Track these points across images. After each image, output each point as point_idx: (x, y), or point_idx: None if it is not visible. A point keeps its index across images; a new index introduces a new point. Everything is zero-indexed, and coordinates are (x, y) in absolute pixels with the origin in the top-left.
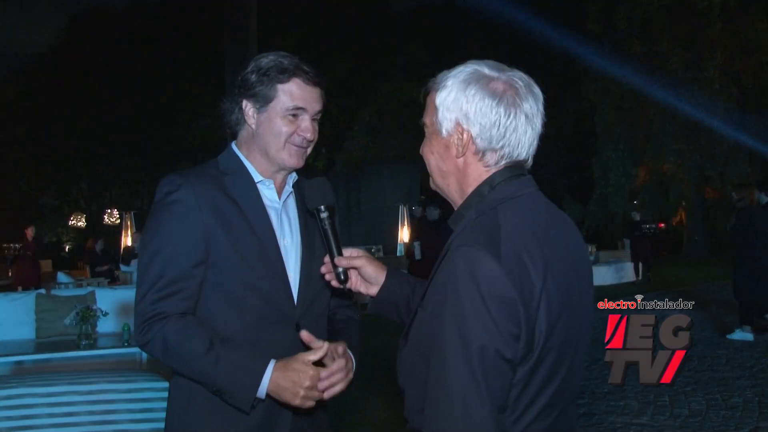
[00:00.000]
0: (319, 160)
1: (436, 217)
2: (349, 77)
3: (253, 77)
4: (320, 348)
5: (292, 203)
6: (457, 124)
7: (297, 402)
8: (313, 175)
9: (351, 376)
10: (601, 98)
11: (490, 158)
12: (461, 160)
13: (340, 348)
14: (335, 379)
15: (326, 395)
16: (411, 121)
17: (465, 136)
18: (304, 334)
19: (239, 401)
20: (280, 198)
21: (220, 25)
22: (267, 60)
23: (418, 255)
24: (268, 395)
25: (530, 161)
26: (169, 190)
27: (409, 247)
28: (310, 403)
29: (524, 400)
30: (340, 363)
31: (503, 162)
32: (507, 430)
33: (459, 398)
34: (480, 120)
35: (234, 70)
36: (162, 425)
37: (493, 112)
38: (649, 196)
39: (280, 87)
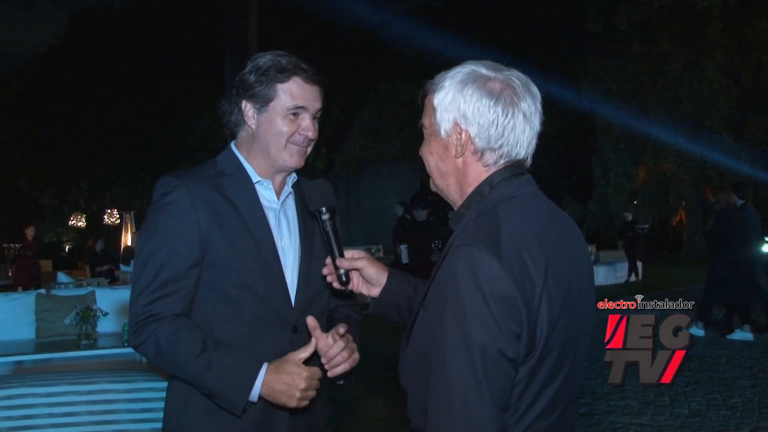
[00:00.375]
0: (319, 160)
1: (424, 219)
2: (349, 77)
3: (252, 77)
4: (311, 345)
5: (291, 204)
6: (456, 124)
7: (293, 404)
8: (313, 175)
9: (357, 356)
10: (601, 98)
11: (489, 158)
12: (460, 160)
13: (341, 329)
14: (338, 360)
15: (330, 374)
16: (411, 121)
17: (463, 136)
18: (310, 320)
19: (231, 405)
20: (279, 198)
21: (220, 25)
22: (265, 59)
23: (405, 259)
24: (262, 397)
25: (529, 160)
26: (165, 192)
27: (396, 250)
28: (306, 403)
29: (526, 399)
30: (339, 345)
31: (502, 161)
32: (509, 429)
33: (460, 398)
34: (478, 120)
35: (234, 70)
36: (161, 425)
37: (490, 112)
38: (649, 196)
39: (280, 86)
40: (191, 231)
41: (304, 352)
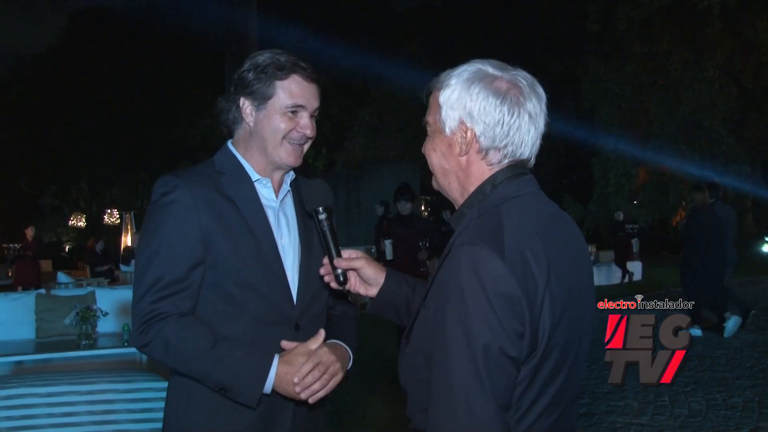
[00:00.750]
0: (319, 160)
1: (408, 213)
2: (349, 77)
3: (251, 75)
4: (319, 336)
5: (289, 202)
6: (461, 122)
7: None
8: (313, 175)
9: (339, 377)
10: (601, 98)
11: (493, 157)
12: (464, 158)
13: (324, 356)
14: (316, 387)
15: (311, 399)
16: (411, 121)
17: (469, 134)
18: (285, 344)
19: (245, 398)
20: (277, 197)
21: (220, 25)
22: (264, 57)
23: (389, 254)
24: (273, 390)
25: (533, 161)
26: (165, 191)
27: (380, 246)
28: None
29: (527, 398)
30: (315, 374)
31: (506, 161)
32: (510, 428)
33: (463, 397)
34: (484, 118)
35: (234, 69)
36: (161, 425)
37: (496, 111)
38: (649, 196)
39: (279, 84)
40: (193, 230)
41: (314, 344)
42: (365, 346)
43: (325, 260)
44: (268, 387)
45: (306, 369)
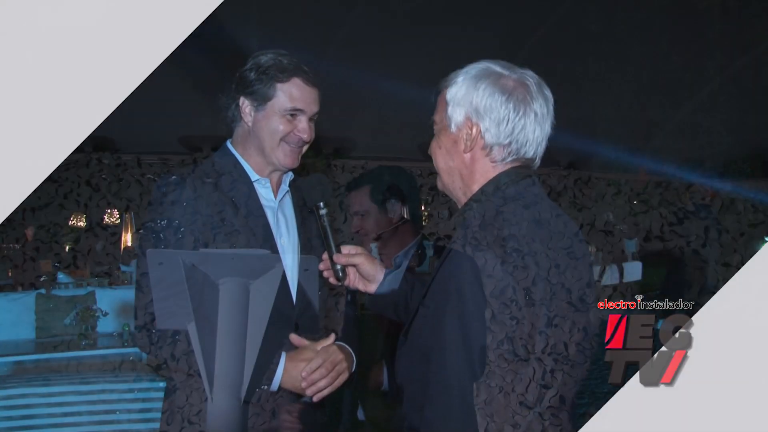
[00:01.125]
0: (319, 160)
1: (397, 216)
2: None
3: (252, 75)
4: (330, 337)
5: (288, 202)
6: (467, 118)
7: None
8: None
9: (345, 376)
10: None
11: (498, 154)
12: (469, 155)
13: (335, 356)
14: (322, 384)
15: (315, 399)
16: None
17: (474, 130)
18: (294, 338)
19: (254, 395)
20: (276, 197)
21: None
22: (266, 58)
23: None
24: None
25: (538, 161)
26: (167, 191)
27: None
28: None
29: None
30: (322, 371)
31: (510, 159)
32: None
33: (459, 397)
34: (489, 114)
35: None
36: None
37: (502, 108)
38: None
39: (280, 86)
40: (195, 229)
41: (325, 342)
42: (365, 346)
43: (324, 256)
44: (275, 385)
45: (315, 365)
